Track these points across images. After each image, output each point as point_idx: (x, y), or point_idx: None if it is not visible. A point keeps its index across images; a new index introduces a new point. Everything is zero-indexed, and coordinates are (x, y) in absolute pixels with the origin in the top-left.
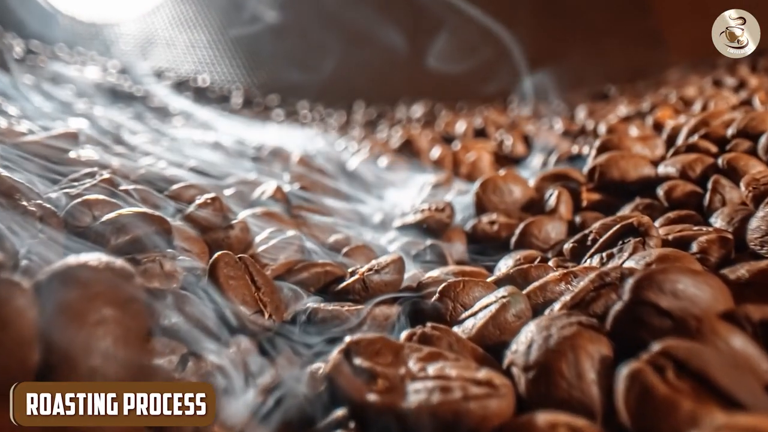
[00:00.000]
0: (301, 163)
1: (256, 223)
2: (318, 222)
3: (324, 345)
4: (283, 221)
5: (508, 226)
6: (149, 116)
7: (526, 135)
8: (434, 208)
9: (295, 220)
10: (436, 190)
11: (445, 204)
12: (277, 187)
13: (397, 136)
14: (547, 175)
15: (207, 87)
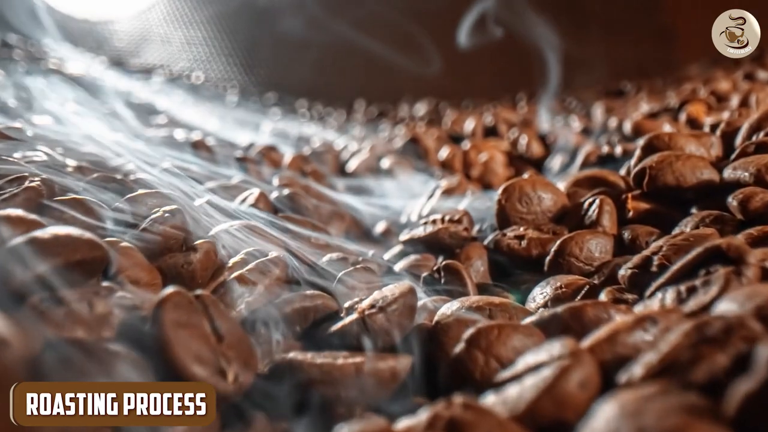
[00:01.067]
0: (294, 165)
1: (232, 239)
2: (309, 236)
3: (312, 414)
4: (265, 237)
5: (540, 242)
6: (129, 113)
7: (541, 133)
8: (448, 218)
9: (281, 235)
10: (448, 196)
11: (462, 214)
12: (261, 194)
13: (401, 135)
14: (581, 179)
15: (201, 84)
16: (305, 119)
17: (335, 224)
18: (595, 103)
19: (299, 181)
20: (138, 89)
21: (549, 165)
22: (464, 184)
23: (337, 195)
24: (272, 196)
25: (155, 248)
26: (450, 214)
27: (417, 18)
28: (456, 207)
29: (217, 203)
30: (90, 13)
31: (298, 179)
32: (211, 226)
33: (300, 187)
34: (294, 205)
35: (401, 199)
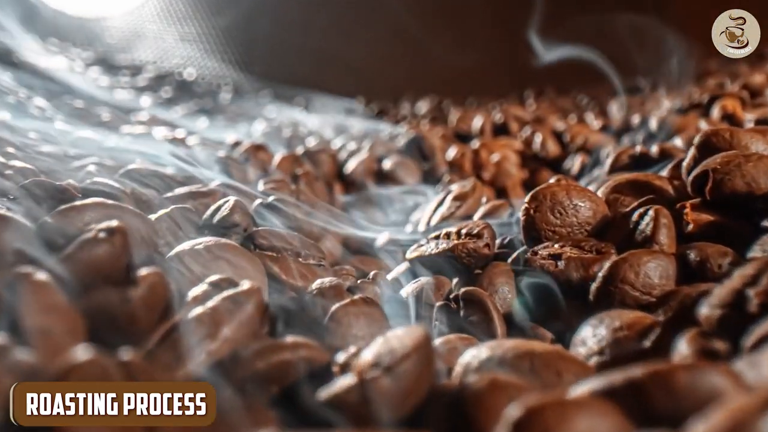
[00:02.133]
0: (283, 166)
1: (195, 264)
2: (297, 253)
3: None
4: (239, 259)
5: (582, 263)
6: (106, 110)
7: (556, 131)
8: (465, 232)
9: (260, 256)
10: (460, 202)
11: (482, 226)
12: (235, 204)
13: (404, 133)
14: (621, 184)
15: (193, 80)
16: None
17: (330, 236)
18: (612, 100)
19: (289, 185)
20: (123, 85)
21: (567, 166)
22: (479, 189)
23: (333, 200)
24: (255, 203)
25: (82, 282)
26: (467, 227)
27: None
28: (470, 216)
29: (182, 215)
30: (83, 10)
31: (287, 183)
32: (169, 246)
33: (289, 192)
34: (279, 215)
35: (405, 204)
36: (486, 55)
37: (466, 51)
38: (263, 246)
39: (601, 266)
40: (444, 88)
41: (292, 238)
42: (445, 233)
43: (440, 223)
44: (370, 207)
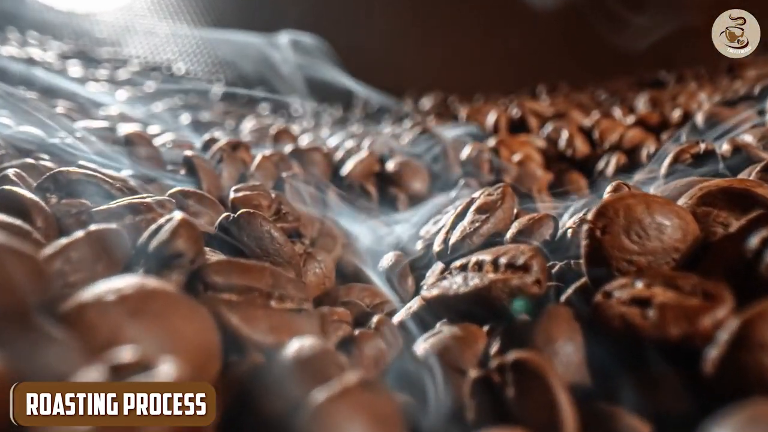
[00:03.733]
0: (265, 167)
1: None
2: (268, 294)
3: None
4: (173, 310)
5: (686, 314)
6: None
7: (582, 128)
8: (506, 262)
9: (211, 302)
10: (488, 215)
11: (530, 255)
12: (180, 225)
13: (409, 130)
14: (711, 193)
15: (182, 76)
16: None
17: (319, 257)
18: (638, 95)
19: (268, 192)
20: (99, 78)
21: (599, 167)
22: (510, 197)
23: (325, 209)
24: (218, 220)
25: None
26: (508, 254)
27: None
28: (500, 233)
29: (109, 240)
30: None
31: (266, 189)
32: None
33: (268, 202)
34: (250, 235)
35: (415, 214)
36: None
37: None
38: (217, 286)
39: (715, 318)
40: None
41: (261, 271)
42: (476, 263)
43: (461, 242)
44: (371, 217)
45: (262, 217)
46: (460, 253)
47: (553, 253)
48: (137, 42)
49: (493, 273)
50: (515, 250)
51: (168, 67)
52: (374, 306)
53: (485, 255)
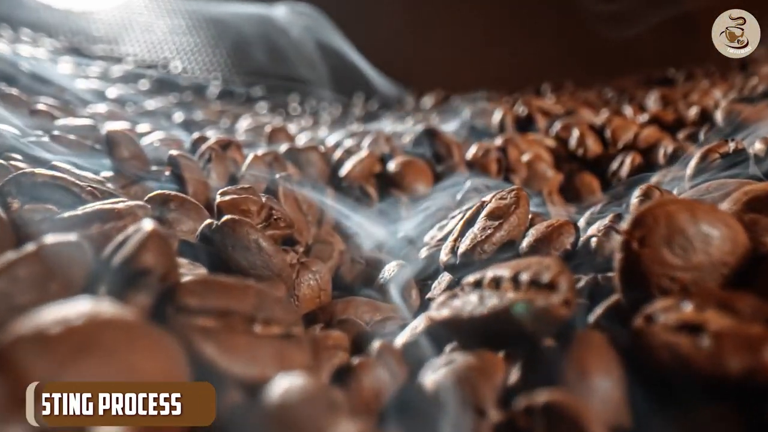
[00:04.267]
0: (256, 168)
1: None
2: (250, 317)
3: None
4: (132, 343)
5: (749, 344)
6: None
7: (593, 126)
8: (528, 278)
9: (182, 329)
10: (500, 221)
11: (556, 271)
12: (149, 236)
13: (410, 128)
14: (758, 198)
15: (179, 74)
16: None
17: (314, 268)
18: (648, 93)
19: (257, 195)
20: (90, 75)
21: (613, 167)
22: (525, 201)
23: (322, 213)
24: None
25: None
26: (530, 269)
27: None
28: (514, 241)
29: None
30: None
31: (255, 192)
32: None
33: (257, 207)
34: (235, 246)
35: (418, 218)
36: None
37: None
38: (191, 309)
39: None
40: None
41: (244, 290)
42: (493, 279)
43: (471, 251)
44: (371, 221)
45: (249, 224)
46: (470, 263)
47: (575, 265)
48: (134, 40)
49: (513, 292)
50: (538, 265)
51: (164, 65)
52: (375, 323)
53: (503, 270)
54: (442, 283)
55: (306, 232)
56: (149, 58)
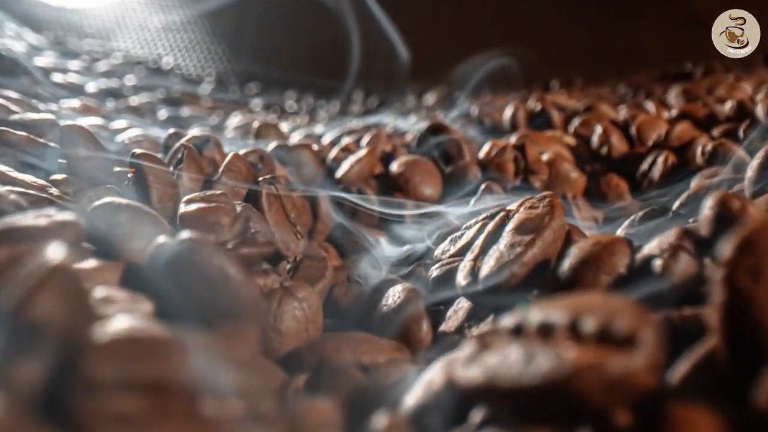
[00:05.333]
0: (237, 169)
1: None
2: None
3: None
4: None
5: None
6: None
7: (616, 122)
8: (595, 329)
9: (88, 420)
10: (533, 236)
11: (635, 315)
12: (55, 270)
13: (414, 124)
14: None
15: (170, 71)
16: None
17: (300, 294)
18: (669, 88)
19: (231, 205)
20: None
21: (643, 168)
22: (560, 210)
23: (314, 222)
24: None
25: None
26: (595, 313)
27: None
28: (548, 260)
29: None
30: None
31: (228, 201)
32: None
33: (230, 219)
34: (190, 275)
35: (426, 228)
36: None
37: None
38: (104, 383)
39: None
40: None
41: (186, 350)
42: (541, 326)
43: (498, 273)
44: (370, 232)
45: (212, 245)
46: (495, 289)
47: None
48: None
49: (573, 347)
50: (605, 307)
51: (155, 60)
52: (375, 367)
53: (555, 313)
54: (459, 311)
55: (294, 244)
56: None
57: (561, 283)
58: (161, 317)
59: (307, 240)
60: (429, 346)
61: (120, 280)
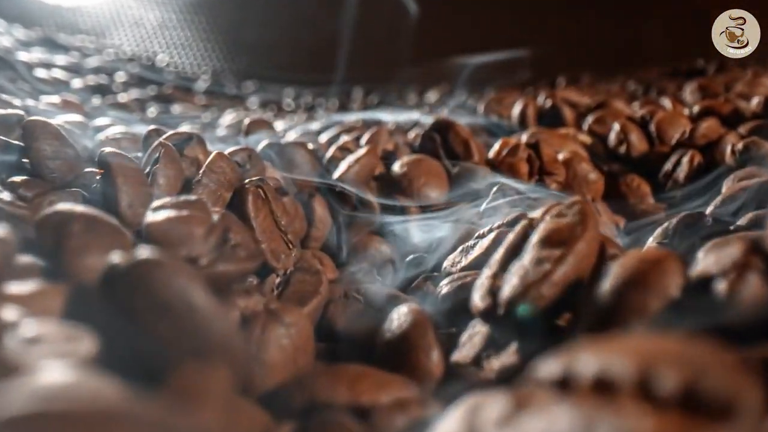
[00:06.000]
0: (219, 170)
1: None
2: None
3: None
4: None
5: None
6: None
7: (634, 118)
8: (677, 387)
9: None
10: (563, 250)
11: (730, 378)
12: None
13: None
14: None
15: (164, 68)
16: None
17: (287, 319)
18: (687, 84)
19: (208, 212)
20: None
21: (666, 168)
22: (593, 219)
23: (308, 228)
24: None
25: None
26: (671, 366)
27: None
28: (580, 279)
29: None
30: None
31: (206, 208)
32: None
33: (204, 230)
34: (145, 300)
35: (433, 235)
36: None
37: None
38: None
39: None
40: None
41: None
42: (597, 381)
43: (523, 296)
44: (371, 239)
45: (174, 266)
46: (519, 311)
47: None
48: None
49: (647, 412)
50: (687, 357)
51: (149, 57)
52: (377, 410)
53: (614, 361)
54: (474, 337)
55: (285, 254)
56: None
57: (601, 309)
58: (106, 362)
59: (300, 249)
60: (440, 378)
61: (63, 308)
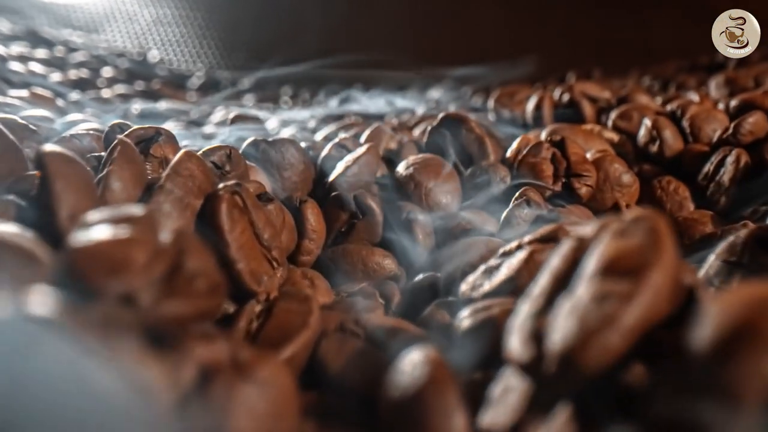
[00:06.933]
0: (186, 173)
1: None
2: None
3: None
4: None
5: None
6: None
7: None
8: None
9: None
10: (630, 285)
11: None
12: None
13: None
14: None
15: (155, 64)
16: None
17: (255, 379)
18: (713, 78)
19: (153, 229)
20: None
21: (707, 170)
22: (669, 241)
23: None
24: None
25: None
26: None
27: None
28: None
29: None
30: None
31: (153, 221)
32: None
33: (147, 255)
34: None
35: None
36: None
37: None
38: None
39: None
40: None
41: None
42: None
43: (581, 352)
44: (371, 254)
45: (80, 321)
46: (577, 366)
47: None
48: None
49: None
50: None
51: (141, 53)
52: None
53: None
54: (509, 395)
55: (268, 276)
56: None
57: (698, 368)
58: None
59: (287, 267)
60: None
61: None
